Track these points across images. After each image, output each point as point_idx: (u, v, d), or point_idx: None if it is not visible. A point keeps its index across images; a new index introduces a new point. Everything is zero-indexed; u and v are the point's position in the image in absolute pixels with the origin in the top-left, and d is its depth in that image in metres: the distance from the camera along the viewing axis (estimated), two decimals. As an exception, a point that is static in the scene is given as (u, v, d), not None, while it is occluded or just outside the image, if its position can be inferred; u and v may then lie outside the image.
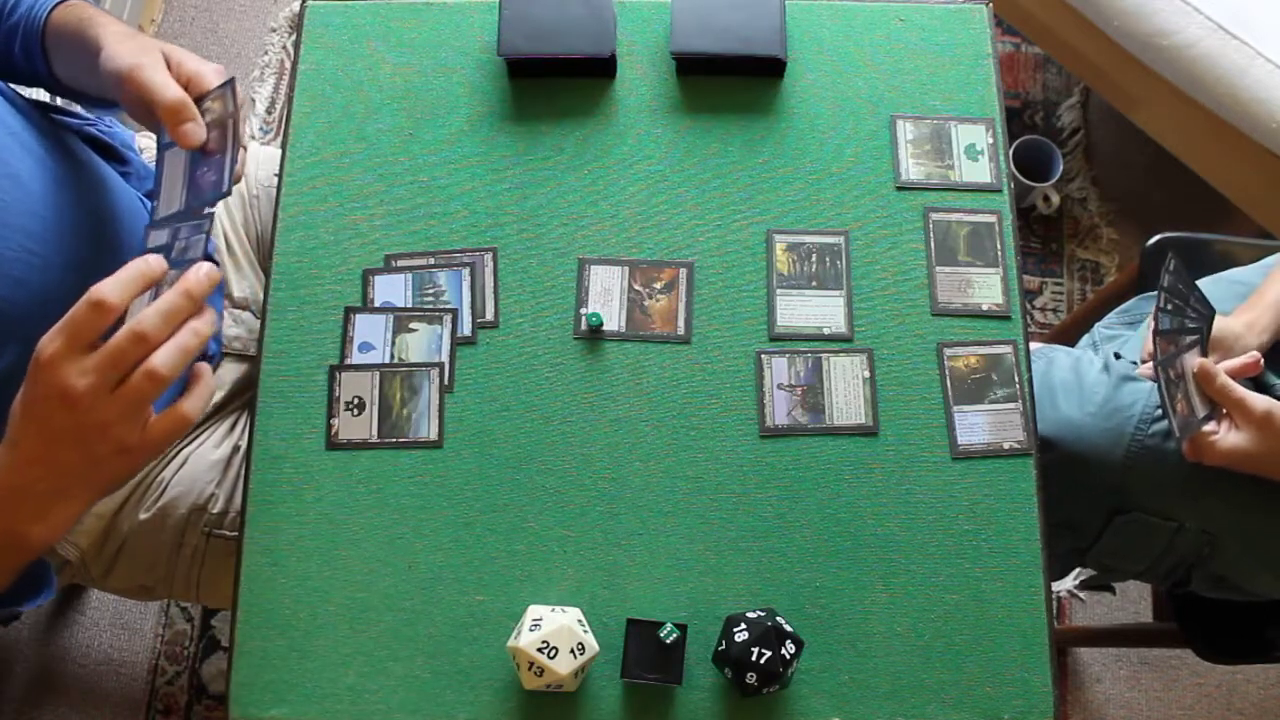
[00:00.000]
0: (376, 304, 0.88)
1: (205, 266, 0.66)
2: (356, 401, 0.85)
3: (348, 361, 0.86)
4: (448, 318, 0.86)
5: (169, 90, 0.71)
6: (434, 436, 0.84)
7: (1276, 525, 0.94)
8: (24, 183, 0.76)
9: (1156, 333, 0.82)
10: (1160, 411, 0.94)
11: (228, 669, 0.79)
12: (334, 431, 0.85)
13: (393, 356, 0.86)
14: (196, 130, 0.71)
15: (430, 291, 0.88)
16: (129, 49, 0.74)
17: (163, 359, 0.63)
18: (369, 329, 0.87)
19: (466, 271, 0.89)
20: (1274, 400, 0.82)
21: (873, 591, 0.81)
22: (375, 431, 0.85)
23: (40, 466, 0.65)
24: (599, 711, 0.79)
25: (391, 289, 0.88)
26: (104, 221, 0.82)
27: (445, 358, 0.86)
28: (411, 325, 0.86)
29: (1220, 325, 0.91)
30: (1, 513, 0.65)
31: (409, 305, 0.87)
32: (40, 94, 0.91)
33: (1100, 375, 1.00)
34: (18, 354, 0.76)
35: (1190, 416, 0.83)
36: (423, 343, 0.86)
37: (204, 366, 0.70)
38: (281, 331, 0.88)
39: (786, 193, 0.92)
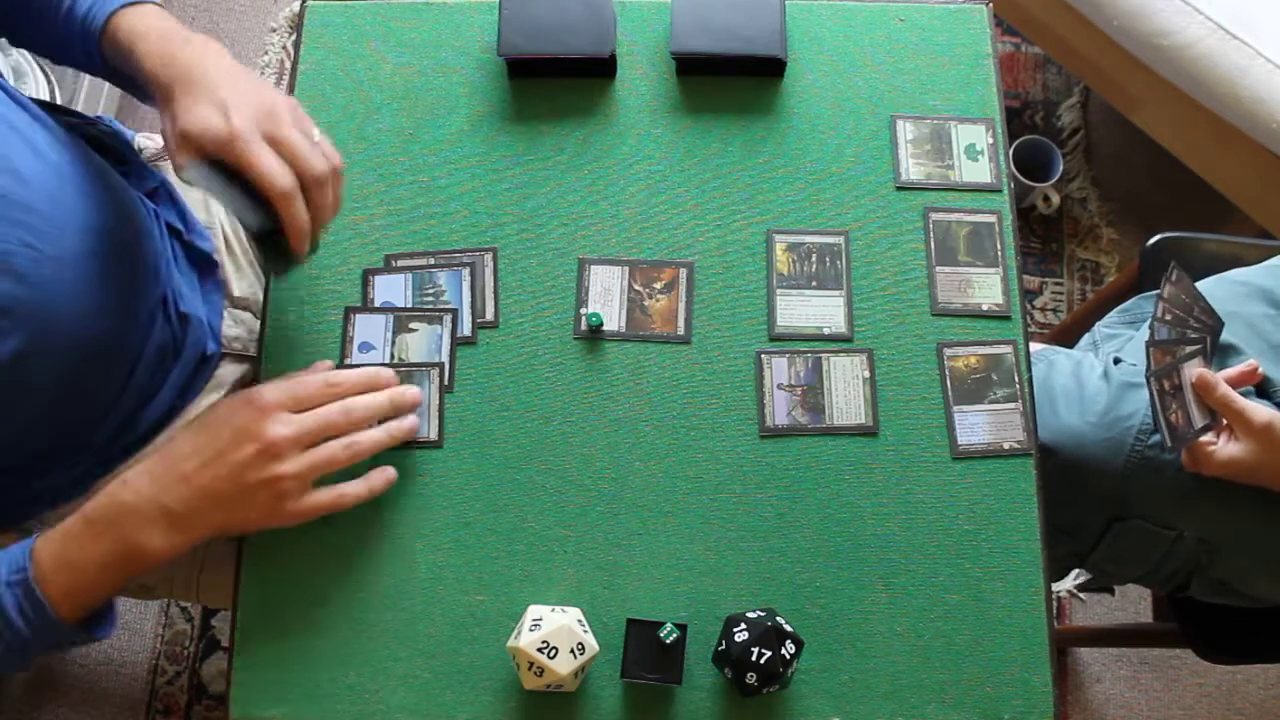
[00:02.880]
0: (376, 304, 0.88)
1: (414, 391, 0.80)
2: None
3: (348, 361, 0.86)
4: (448, 318, 0.86)
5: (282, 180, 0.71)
6: (434, 436, 0.84)
7: (1275, 533, 0.94)
8: (26, 178, 0.76)
9: (1151, 343, 0.81)
10: None
11: (228, 669, 0.79)
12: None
13: (393, 357, 0.86)
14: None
15: (430, 291, 0.88)
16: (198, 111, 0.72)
17: (366, 439, 0.75)
18: (369, 329, 0.87)
19: (466, 271, 0.89)
20: (1275, 411, 0.82)
21: (873, 591, 0.81)
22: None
23: (193, 488, 0.71)
24: (599, 711, 0.79)
25: (391, 289, 0.88)
26: (106, 218, 0.82)
27: (445, 358, 0.86)
28: (411, 325, 0.86)
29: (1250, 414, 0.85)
30: (135, 523, 0.70)
31: (409, 305, 0.87)
32: (43, 92, 0.91)
33: (1100, 383, 1.00)
34: (23, 341, 0.75)
35: (1186, 427, 0.83)
36: (423, 343, 0.86)
37: (388, 471, 0.79)
38: (281, 331, 0.88)
39: (786, 193, 0.92)
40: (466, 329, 0.87)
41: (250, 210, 0.72)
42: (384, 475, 0.79)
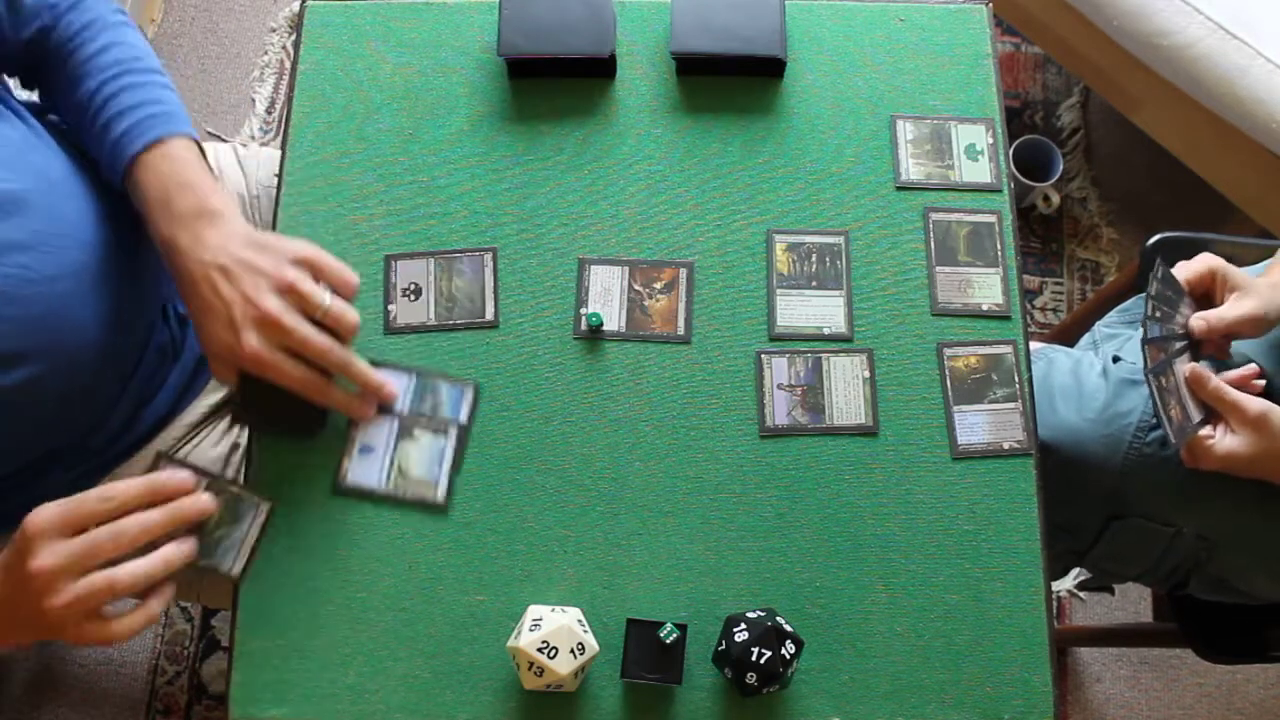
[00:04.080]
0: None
1: (203, 501, 0.74)
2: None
3: (346, 464, 0.84)
4: (452, 430, 0.84)
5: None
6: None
7: (1274, 529, 0.94)
8: (27, 198, 0.76)
9: (1145, 341, 0.82)
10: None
11: (228, 669, 0.79)
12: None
13: (393, 464, 0.83)
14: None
15: (428, 401, 0.85)
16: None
17: (127, 574, 0.69)
18: (372, 433, 0.84)
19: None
20: (1269, 402, 0.82)
21: (873, 591, 0.81)
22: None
23: None
24: (599, 711, 0.79)
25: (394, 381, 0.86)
26: (106, 230, 0.82)
27: (447, 473, 0.84)
28: (415, 432, 0.84)
29: (1240, 273, 0.90)
30: None
31: (408, 412, 0.85)
32: (34, 97, 0.90)
33: (1099, 380, 1.00)
34: (28, 368, 0.75)
35: (1185, 422, 0.83)
36: (425, 454, 0.84)
37: (163, 594, 0.74)
38: (281, 331, 0.88)
39: (786, 193, 0.92)
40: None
41: (301, 414, 0.79)
42: (159, 603, 0.74)
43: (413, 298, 0.88)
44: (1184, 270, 0.90)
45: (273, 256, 0.76)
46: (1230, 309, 0.85)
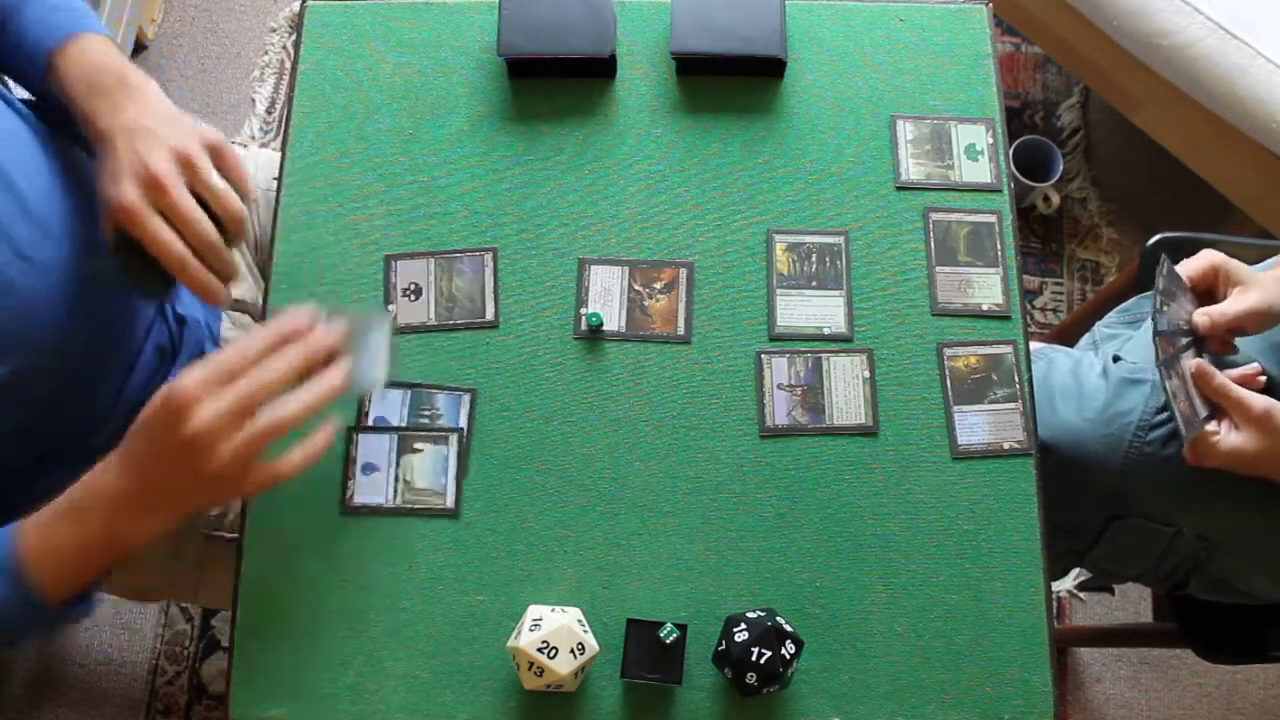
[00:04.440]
0: (371, 421, 0.85)
1: (334, 331, 0.74)
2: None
3: (350, 483, 0.84)
4: (453, 438, 0.84)
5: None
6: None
7: (1274, 529, 0.94)
8: (17, 185, 0.76)
9: (1156, 333, 0.82)
10: (1159, 417, 0.94)
11: (228, 669, 0.79)
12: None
13: (398, 479, 0.83)
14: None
15: (427, 412, 0.85)
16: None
17: (288, 410, 0.71)
18: (372, 450, 0.84)
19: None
20: (1273, 400, 0.82)
21: (873, 591, 0.81)
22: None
23: (145, 484, 0.71)
24: (599, 711, 0.79)
25: (388, 407, 0.86)
26: (96, 220, 0.82)
27: (453, 478, 0.84)
28: (416, 445, 0.84)
29: (1243, 267, 0.90)
30: (108, 517, 0.71)
31: (405, 425, 0.85)
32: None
33: (1099, 380, 1.00)
34: (17, 356, 0.75)
35: (1192, 416, 0.83)
36: (428, 464, 0.84)
37: (326, 432, 0.75)
38: (281, 331, 0.88)
39: (786, 193, 0.92)
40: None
41: (153, 279, 0.76)
42: (325, 437, 0.75)
43: (413, 298, 0.88)
44: (1186, 267, 0.90)
45: (181, 130, 0.76)
46: (1233, 304, 0.85)
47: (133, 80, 0.79)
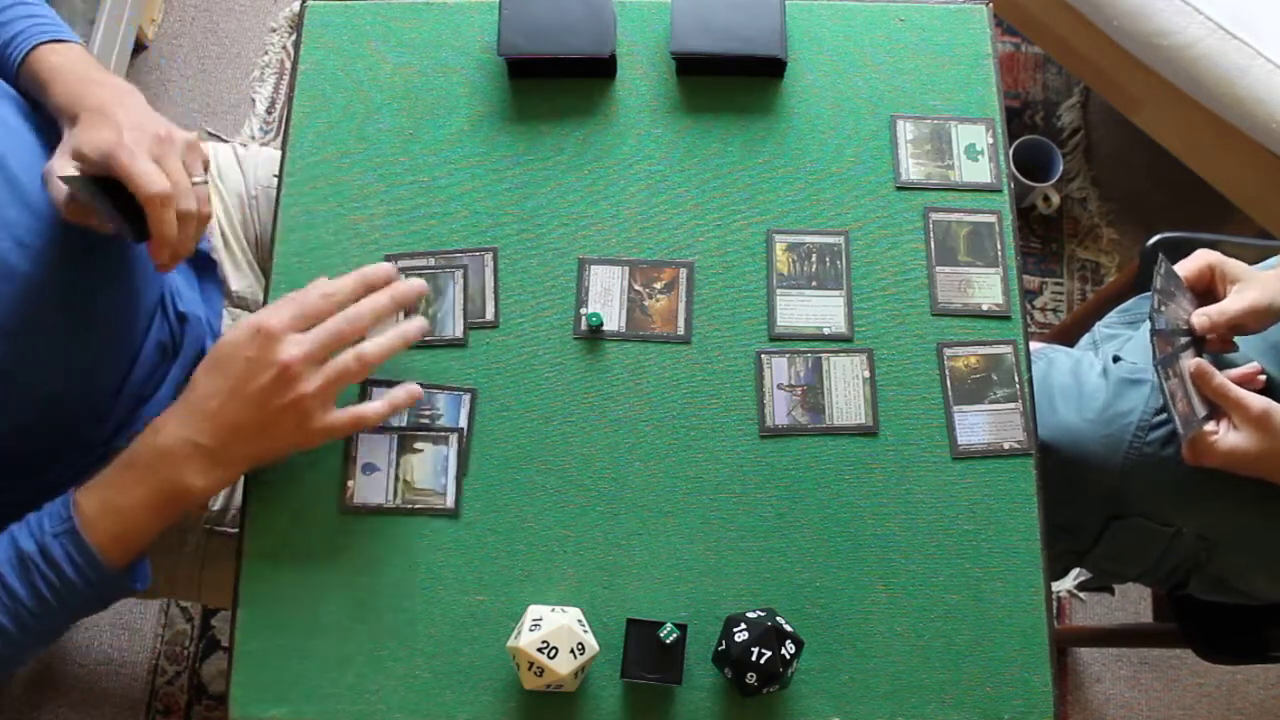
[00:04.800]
0: None
1: (417, 283, 0.79)
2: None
3: (350, 484, 0.84)
4: (453, 438, 0.84)
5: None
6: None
7: (1274, 529, 0.94)
8: (10, 170, 0.75)
9: (1154, 332, 0.82)
10: (1159, 418, 0.94)
11: (228, 669, 0.79)
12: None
13: (398, 479, 0.83)
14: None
15: (427, 413, 0.85)
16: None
17: (373, 346, 0.75)
18: (373, 449, 0.84)
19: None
20: (1271, 401, 0.82)
21: (873, 591, 0.81)
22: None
23: (220, 423, 0.72)
24: (599, 711, 0.79)
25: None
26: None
27: (452, 482, 0.83)
28: (416, 445, 0.84)
29: (1239, 265, 0.90)
30: (173, 463, 0.72)
31: (405, 425, 0.84)
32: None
33: (1099, 380, 1.00)
34: (13, 341, 0.75)
35: (1191, 416, 0.83)
36: (428, 464, 0.83)
37: (410, 387, 0.79)
38: (281, 331, 0.88)
39: (786, 193, 0.92)
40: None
41: (123, 221, 0.75)
42: (407, 391, 0.79)
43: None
44: (1182, 268, 0.90)
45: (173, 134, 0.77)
46: (1232, 302, 0.85)
47: (124, 83, 0.79)
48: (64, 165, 0.74)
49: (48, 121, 0.83)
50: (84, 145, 0.73)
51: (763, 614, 0.76)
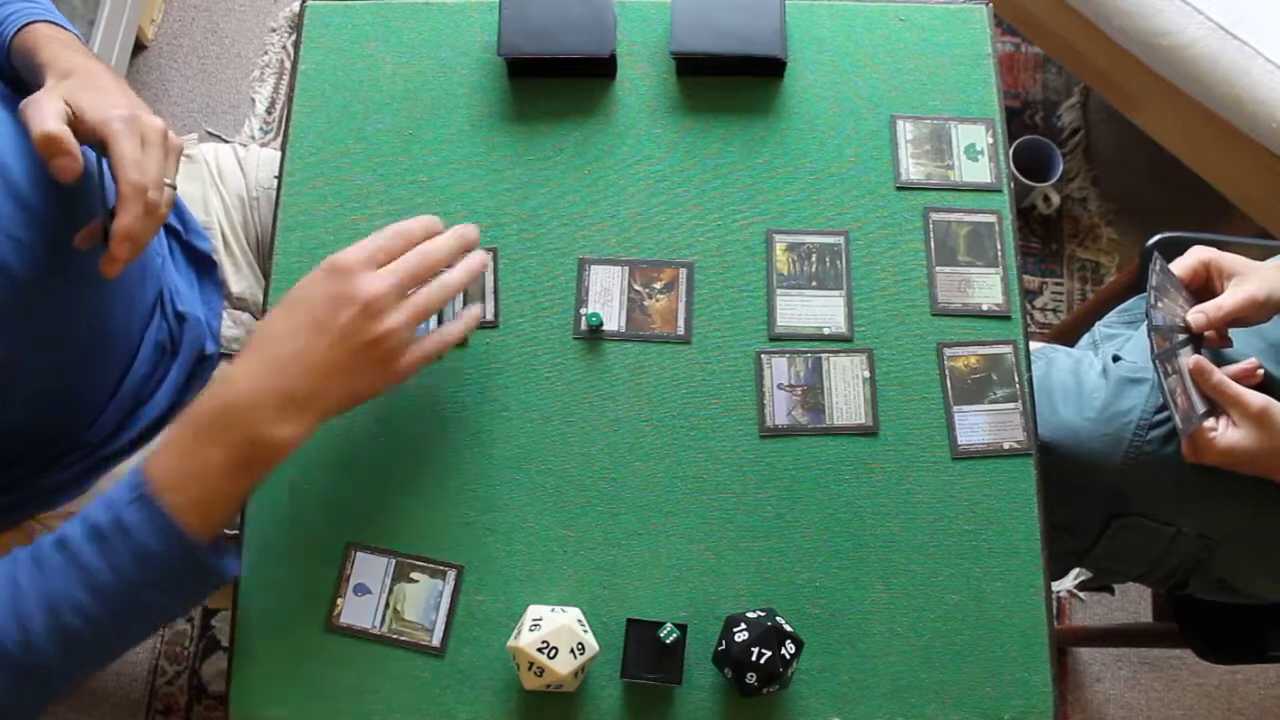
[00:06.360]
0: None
1: (472, 226, 0.78)
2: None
3: (339, 600, 0.81)
4: (451, 573, 0.81)
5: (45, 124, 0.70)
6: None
7: (1274, 529, 0.94)
8: (11, 171, 0.75)
9: (1151, 328, 0.82)
10: (1159, 417, 0.94)
11: (228, 669, 0.79)
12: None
13: (388, 605, 0.80)
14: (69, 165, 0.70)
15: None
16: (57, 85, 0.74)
17: (454, 277, 0.75)
18: (368, 570, 0.81)
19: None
20: (1270, 398, 0.82)
21: (873, 591, 0.81)
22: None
23: (307, 365, 0.68)
24: (599, 711, 0.79)
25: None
26: (85, 199, 0.81)
27: (445, 613, 0.81)
28: (413, 575, 0.81)
29: (1235, 258, 0.90)
30: (254, 414, 0.67)
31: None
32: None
33: (1099, 380, 1.00)
34: (13, 339, 0.75)
35: (1190, 412, 0.83)
36: (422, 596, 0.80)
37: (475, 309, 0.80)
38: (281, 331, 0.88)
39: (786, 193, 0.92)
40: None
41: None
42: (474, 313, 0.80)
43: None
44: (1178, 266, 0.90)
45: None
46: (1228, 297, 0.85)
47: (110, 69, 0.79)
48: (50, 112, 0.71)
49: None
50: (82, 100, 0.72)
51: (763, 614, 0.76)
